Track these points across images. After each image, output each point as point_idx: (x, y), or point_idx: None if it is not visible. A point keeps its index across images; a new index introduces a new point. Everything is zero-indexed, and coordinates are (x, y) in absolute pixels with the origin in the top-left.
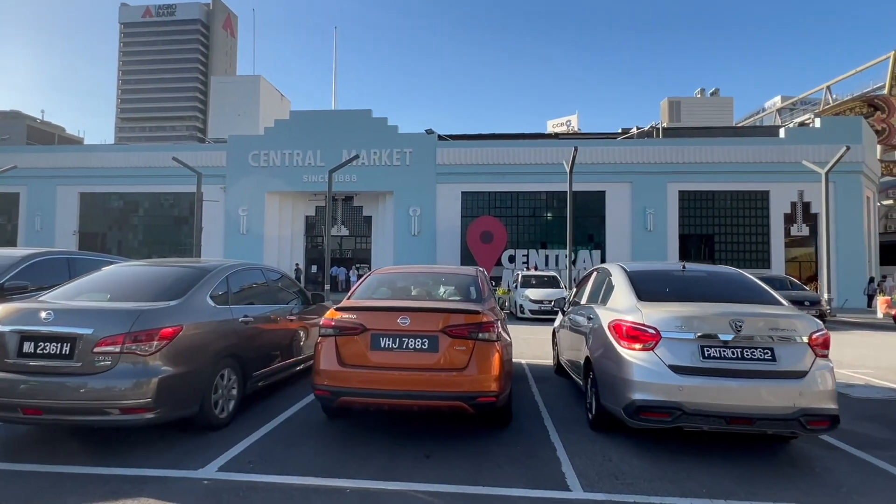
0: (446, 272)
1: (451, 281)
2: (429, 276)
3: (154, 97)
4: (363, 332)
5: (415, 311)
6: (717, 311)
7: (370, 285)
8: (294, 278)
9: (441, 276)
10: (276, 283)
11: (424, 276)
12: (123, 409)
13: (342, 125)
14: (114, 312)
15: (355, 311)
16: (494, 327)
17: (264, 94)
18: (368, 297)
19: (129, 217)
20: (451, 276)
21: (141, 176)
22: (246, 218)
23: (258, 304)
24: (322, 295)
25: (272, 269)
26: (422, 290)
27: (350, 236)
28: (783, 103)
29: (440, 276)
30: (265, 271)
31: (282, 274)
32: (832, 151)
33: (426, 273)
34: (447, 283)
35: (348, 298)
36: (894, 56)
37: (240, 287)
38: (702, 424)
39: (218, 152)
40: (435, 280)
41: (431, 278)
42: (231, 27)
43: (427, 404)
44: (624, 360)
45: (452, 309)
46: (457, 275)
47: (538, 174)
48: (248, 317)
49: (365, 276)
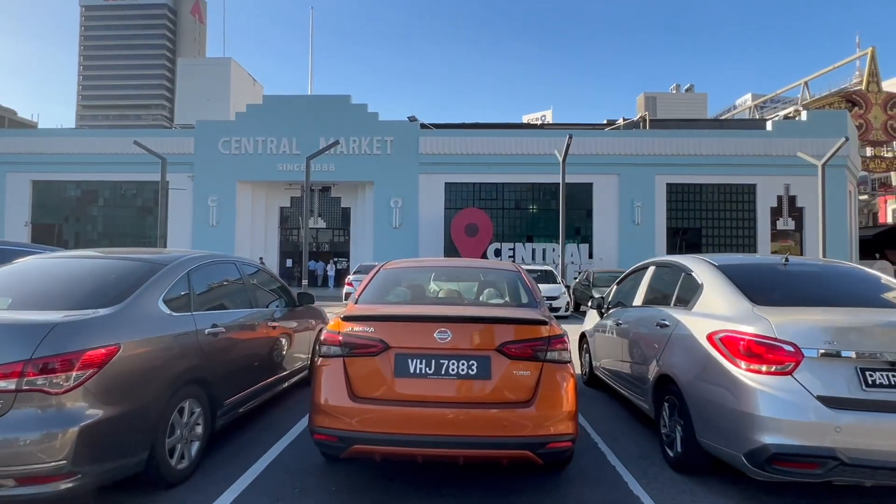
0: (480, 266)
1: (491, 278)
2: (459, 272)
3: (118, 83)
4: (384, 351)
5: (457, 321)
6: (881, 321)
7: (383, 284)
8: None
9: (475, 271)
10: (253, 279)
11: (453, 271)
12: (22, 477)
13: (319, 111)
14: (9, 328)
15: (371, 321)
16: (565, 343)
17: (235, 78)
18: (383, 301)
19: (88, 207)
20: (489, 272)
21: (101, 163)
22: (216, 209)
23: (231, 307)
24: (310, 295)
25: (248, 263)
26: (453, 291)
27: (327, 229)
28: (754, 101)
29: (475, 272)
30: (240, 265)
31: (259, 268)
32: (819, 144)
33: (454, 268)
34: (486, 282)
35: (355, 303)
36: (871, 53)
37: (206, 286)
38: (865, 478)
39: (185, 138)
40: (468, 277)
41: (462, 274)
42: (200, 13)
43: (477, 454)
44: (744, 388)
45: (510, 318)
46: (495, 270)
47: (524, 165)
48: (217, 326)
49: (374, 272)
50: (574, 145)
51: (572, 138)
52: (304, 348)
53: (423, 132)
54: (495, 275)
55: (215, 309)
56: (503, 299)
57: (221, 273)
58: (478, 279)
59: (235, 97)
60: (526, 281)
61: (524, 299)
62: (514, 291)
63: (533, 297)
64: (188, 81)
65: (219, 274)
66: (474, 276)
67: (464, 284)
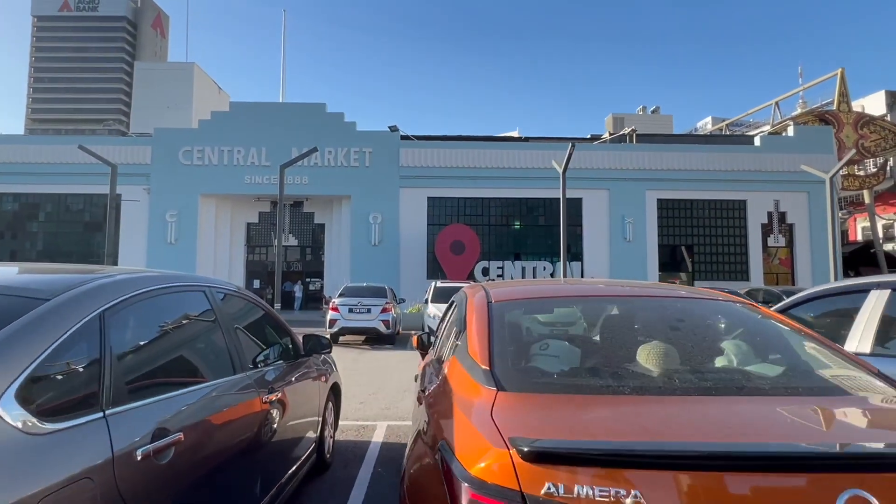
0: (671, 295)
1: (713, 321)
2: (639, 308)
3: (72, 97)
4: None
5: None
6: None
7: (521, 342)
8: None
9: (670, 305)
10: (234, 316)
11: (628, 305)
12: None
13: (292, 120)
14: None
15: (610, 466)
16: None
17: (199, 84)
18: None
19: (26, 223)
20: (698, 307)
21: (42, 174)
22: (175, 224)
23: (192, 380)
24: (323, 340)
25: (225, 288)
26: (669, 355)
27: (297, 246)
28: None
29: (670, 307)
30: (212, 293)
31: (245, 296)
32: (805, 160)
33: (623, 298)
34: (706, 332)
35: (496, 387)
36: (841, 73)
37: (140, 342)
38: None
39: (142, 147)
40: (664, 319)
41: (652, 314)
42: (161, 27)
43: None
44: None
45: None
46: (705, 302)
47: (512, 178)
48: (164, 437)
49: (484, 314)
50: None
51: (574, 147)
52: (312, 421)
53: (404, 143)
54: (710, 311)
55: (160, 391)
56: (782, 373)
57: (177, 308)
58: (691, 325)
59: (199, 104)
60: (795, 327)
61: (828, 372)
62: (786, 352)
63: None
64: (146, 87)
65: (171, 311)
66: (671, 313)
67: (693, 343)
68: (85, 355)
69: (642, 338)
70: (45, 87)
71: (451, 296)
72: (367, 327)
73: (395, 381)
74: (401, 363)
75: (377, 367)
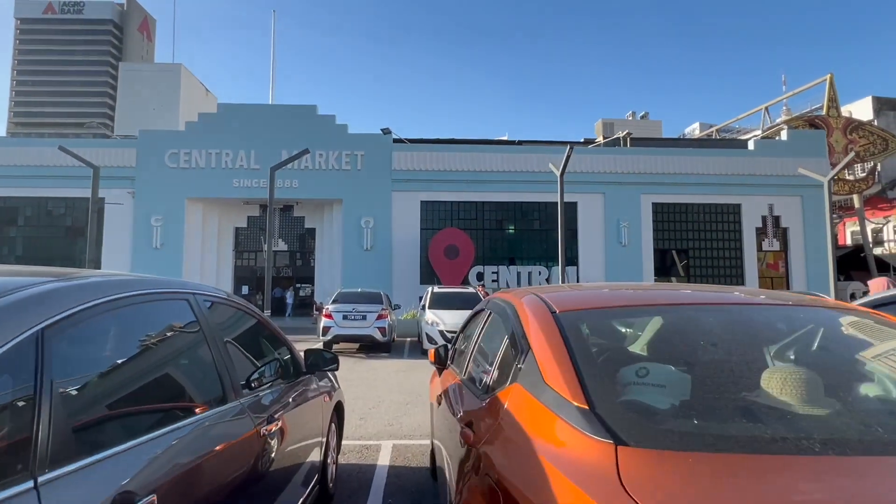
0: (776, 303)
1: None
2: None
3: (55, 100)
4: None
5: None
6: None
7: (602, 362)
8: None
9: (777, 316)
10: (224, 329)
11: (727, 320)
12: None
13: (281, 122)
14: None
15: None
16: None
17: (186, 86)
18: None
19: (5, 227)
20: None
21: (21, 176)
22: (160, 229)
23: (169, 423)
24: (327, 355)
25: (212, 295)
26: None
27: (287, 251)
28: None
29: (779, 320)
30: (196, 299)
31: (236, 304)
32: (799, 164)
33: (719, 305)
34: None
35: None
36: (829, 79)
37: (100, 366)
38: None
39: (126, 149)
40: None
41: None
42: (148, 30)
43: None
44: None
45: None
46: (814, 310)
47: (506, 182)
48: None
49: (549, 326)
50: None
51: (572, 149)
52: (315, 449)
53: (396, 146)
54: (830, 321)
55: (124, 437)
56: None
57: (152, 321)
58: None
59: (185, 106)
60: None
61: None
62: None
63: None
64: (131, 88)
65: (145, 325)
66: (791, 326)
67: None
68: (8, 395)
69: (766, 360)
70: (28, 91)
71: (449, 301)
72: (363, 335)
73: (396, 393)
74: (399, 373)
75: (375, 377)
